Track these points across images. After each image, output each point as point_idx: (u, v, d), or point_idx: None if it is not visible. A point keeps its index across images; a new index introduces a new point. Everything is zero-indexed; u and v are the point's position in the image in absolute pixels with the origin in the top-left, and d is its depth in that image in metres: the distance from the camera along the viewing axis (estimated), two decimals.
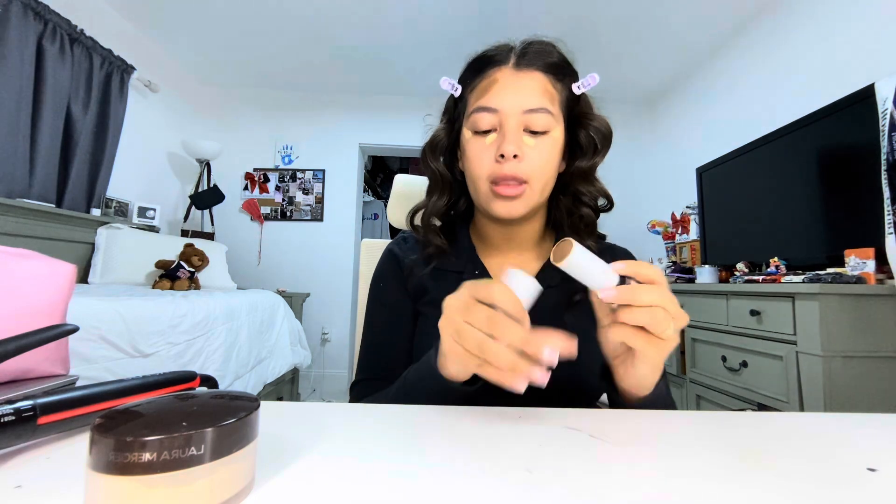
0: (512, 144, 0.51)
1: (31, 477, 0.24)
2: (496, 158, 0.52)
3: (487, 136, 0.54)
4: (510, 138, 0.52)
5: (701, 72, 2.88)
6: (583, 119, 0.58)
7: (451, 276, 0.60)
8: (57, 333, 0.45)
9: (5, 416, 0.25)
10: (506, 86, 0.53)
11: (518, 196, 0.53)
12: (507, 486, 0.25)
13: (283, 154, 3.68)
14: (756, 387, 1.55)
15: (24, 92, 2.06)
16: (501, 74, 0.54)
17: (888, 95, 1.39)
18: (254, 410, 0.23)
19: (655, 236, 2.89)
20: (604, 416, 0.38)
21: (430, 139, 0.62)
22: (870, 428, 0.38)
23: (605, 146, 0.58)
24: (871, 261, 1.40)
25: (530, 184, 0.53)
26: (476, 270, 0.60)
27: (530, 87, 0.53)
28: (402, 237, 0.68)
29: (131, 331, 1.52)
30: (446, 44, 2.91)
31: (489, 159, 0.53)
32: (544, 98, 0.53)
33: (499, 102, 0.53)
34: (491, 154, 0.53)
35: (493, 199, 0.54)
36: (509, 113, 0.52)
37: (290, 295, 3.05)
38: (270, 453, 0.28)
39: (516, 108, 0.52)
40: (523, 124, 0.53)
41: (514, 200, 0.53)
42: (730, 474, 0.27)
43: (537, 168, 0.53)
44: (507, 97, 0.53)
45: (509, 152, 0.51)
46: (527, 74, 0.54)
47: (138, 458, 0.19)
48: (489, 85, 0.54)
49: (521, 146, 0.52)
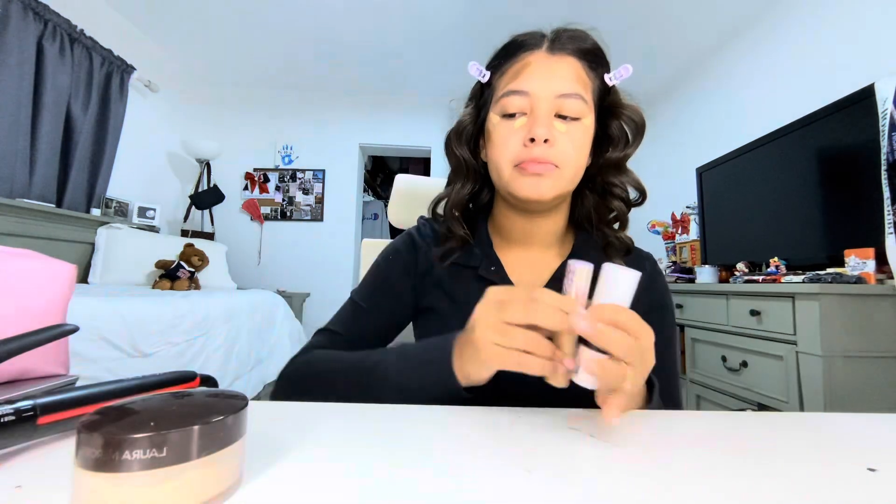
0: (543, 127, 0.49)
1: (31, 477, 0.24)
2: (524, 142, 0.50)
3: (516, 120, 0.52)
4: (541, 121, 0.50)
5: (701, 72, 2.88)
6: (615, 109, 0.56)
7: (465, 271, 0.58)
8: (57, 333, 0.45)
9: (5, 416, 0.25)
10: (538, 69, 0.52)
11: (546, 174, 0.50)
12: (507, 486, 0.25)
13: (283, 154, 3.69)
14: (756, 387, 1.55)
15: (24, 92, 2.06)
16: (534, 58, 0.52)
17: (888, 95, 1.39)
18: (241, 409, 0.23)
19: (655, 236, 2.89)
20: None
21: (455, 125, 0.59)
22: (870, 428, 0.38)
23: (638, 136, 0.56)
24: (871, 261, 1.40)
25: (561, 169, 0.51)
26: (492, 267, 0.57)
27: (564, 71, 0.52)
28: (422, 223, 0.65)
29: (131, 331, 1.52)
30: (447, 43, 2.91)
31: (516, 143, 0.51)
32: (577, 84, 0.52)
33: (531, 85, 0.51)
34: (519, 138, 0.51)
35: (517, 178, 0.51)
36: (541, 96, 0.50)
37: (290, 295, 3.05)
38: (262, 452, 0.28)
39: (549, 93, 0.50)
40: (555, 109, 0.51)
41: (542, 178, 0.50)
42: (730, 474, 0.27)
43: (569, 154, 0.51)
44: (539, 81, 0.51)
45: (540, 135, 0.49)
46: (560, 59, 0.52)
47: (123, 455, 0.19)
48: (521, 69, 0.52)
49: (552, 130, 0.50)
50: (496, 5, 2.48)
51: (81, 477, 0.20)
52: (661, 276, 0.62)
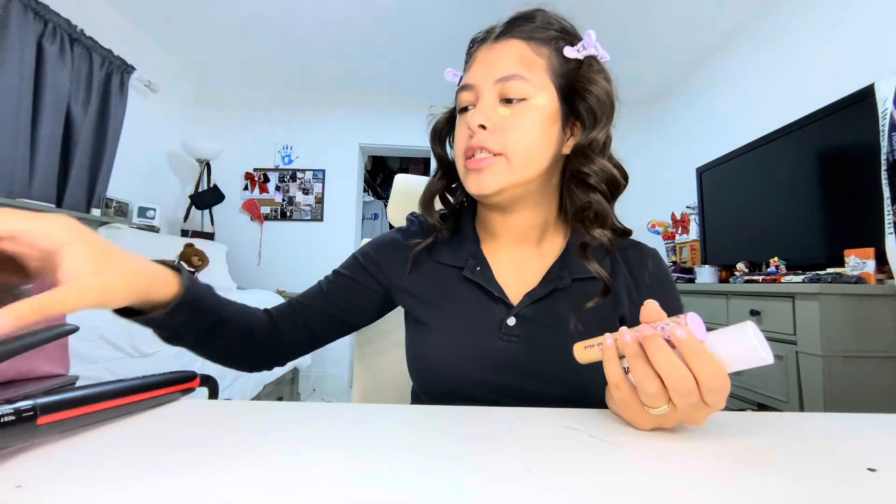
0: (477, 115, 0.49)
1: (31, 477, 0.24)
2: (469, 135, 0.51)
3: (466, 115, 0.52)
4: (478, 109, 0.50)
5: (701, 71, 2.88)
6: (579, 86, 0.51)
7: (451, 271, 0.57)
8: (57, 333, 0.45)
9: (5, 416, 0.25)
10: (480, 60, 0.53)
11: (486, 168, 0.49)
12: (507, 486, 0.25)
13: (283, 154, 3.69)
14: (756, 387, 1.55)
15: (24, 92, 2.06)
16: (480, 53, 0.54)
17: (888, 95, 1.39)
18: None
19: (655, 236, 2.89)
20: (604, 416, 0.38)
21: (431, 126, 0.62)
22: (870, 428, 0.38)
23: (605, 117, 0.50)
24: (871, 261, 1.40)
25: (507, 156, 0.49)
26: (478, 267, 0.55)
27: (503, 56, 0.51)
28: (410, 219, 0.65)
29: (131, 331, 1.52)
30: (447, 43, 2.91)
31: (464, 136, 0.52)
32: (519, 65, 0.50)
33: (474, 78, 0.52)
34: (467, 130, 0.51)
35: (466, 174, 0.52)
36: (481, 85, 0.51)
37: (290, 295, 3.05)
38: (270, 451, 0.28)
39: (488, 80, 0.50)
40: (498, 95, 0.50)
41: (483, 173, 0.49)
42: (730, 474, 0.27)
43: (514, 139, 0.48)
44: (479, 70, 0.52)
45: (474, 123, 0.49)
46: (502, 45, 0.52)
47: None
48: (470, 64, 0.55)
49: (490, 116, 0.49)
50: (496, 5, 2.47)
51: None
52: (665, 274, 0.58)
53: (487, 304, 0.54)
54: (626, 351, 0.33)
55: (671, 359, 0.31)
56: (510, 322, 0.52)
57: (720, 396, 0.31)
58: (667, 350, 0.31)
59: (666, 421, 0.34)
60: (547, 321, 0.52)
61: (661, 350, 0.31)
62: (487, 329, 0.52)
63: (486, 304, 0.54)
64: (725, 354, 0.31)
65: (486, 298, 0.54)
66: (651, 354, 0.32)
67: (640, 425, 0.35)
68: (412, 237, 0.61)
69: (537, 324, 0.52)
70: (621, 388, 0.34)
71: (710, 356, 0.31)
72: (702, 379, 0.30)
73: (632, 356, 0.33)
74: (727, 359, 0.31)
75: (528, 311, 0.52)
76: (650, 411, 0.33)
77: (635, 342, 0.33)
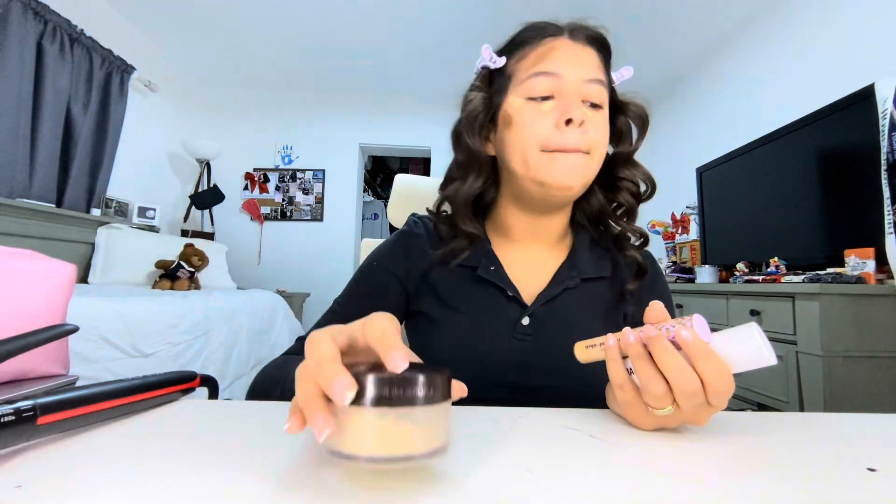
0: (578, 109, 0.48)
1: (31, 477, 0.24)
2: (557, 125, 0.48)
3: (544, 104, 0.50)
4: (574, 103, 0.48)
5: (701, 72, 2.88)
6: (621, 105, 0.56)
7: (463, 271, 0.56)
8: (57, 333, 0.45)
9: (5, 416, 0.25)
10: (565, 53, 0.51)
11: (580, 166, 0.49)
12: (508, 486, 0.25)
13: (283, 154, 3.69)
14: (756, 387, 1.55)
15: (24, 92, 2.06)
16: (559, 43, 0.51)
17: (888, 95, 1.39)
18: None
19: (655, 236, 2.89)
20: (604, 416, 0.38)
21: (467, 113, 0.55)
22: (870, 428, 0.38)
23: (643, 131, 0.56)
24: (871, 261, 1.40)
25: (591, 156, 0.49)
26: (492, 267, 0.55)
27: (588, 58, 0.51)
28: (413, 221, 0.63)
29: (131, 331, 1.52)
30: (447, 43, 2.91)
31: (546, 126, 0.49)
32: (600, 72, 0.52)
33: (559, 68, 0.49)
34: (549, 121, 0.49)
35: (547, 164, 0.49)
36: (571, 80, 0.49)
37: (290, 295, 3.05)
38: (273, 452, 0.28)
39: (577, 77, 0.49)
40: (582, 95, 0.50)
41: (575, 168, 0.49)
42: (730, 474, 0.27)
43: (597, 141, 0.50)
44: (567, 64, 0.50)
45: (577, 117, 0.47)
46: (584, 48, 0.52)
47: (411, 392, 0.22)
48: (546, 52, 0.51)
49: (585, 114, 0.48)
50: (496, 5, 2.48)
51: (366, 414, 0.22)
52: (661, 275, 0.62)
53: (501, 303, 0.54)
54: (629, 351, 0.33)
55: (677, 360, 0.31)
56: (524, 322, 0.53)
57: (724, 397, 0.31)
58: (672, 351, 0.31)
59: (669, 422, 0.34)
60: (558, 320, 0.53)
61: (666, 351, 0.31)
62: (502, 328, 0.53)
63: (501, 303, 0.54)
64: (730, 355, 0.31)
65: (501, 298, 0.54)
66: (656, 355, 0.32)
67: (642, 426, 0.35)
68: (417, 239, 0.59)
69: (549, 322, 0.53)
70: (625, 389, 0.34)
71: (715, 357, 0.31)
72: (707, 380, 0.31)
73: (636, 357, 0.33)
74: (731, 360, 0.31)
75: (540, 311, 0.53)
76: (654, 412, 0.33)
77: (639, 343, 0.33)
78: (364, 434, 0.22)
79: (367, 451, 0.22)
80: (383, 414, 0.22)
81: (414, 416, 0.22)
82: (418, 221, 0.62)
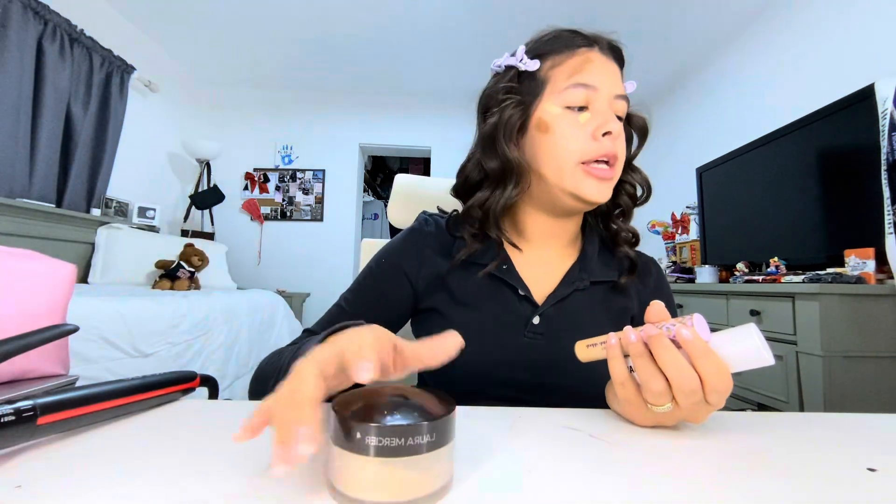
0: (615, 123, 0.51)
1: (31, 477, 0.24)
2: (594, 136, 0.50)
3: (581, 115, 0.51)
4: (611, 117, 0.51)
5: (701, 72, 2.88)
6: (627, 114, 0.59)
7: (473, 268, 0.56)
8: (57, 333, 0.45)
9: (5, 416, 0.25)
10: (600, 67, 0.53)
11: (609, 179, 0.52)
12: (510, 486, 0.25)
13: (283, 154, 3.69)
14: (756, 387, 1.55)
15: (24, 92, 2.06)
16: (594, 55, 0.53)
17: (888, 95, 1.39)
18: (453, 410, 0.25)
19: (655, 236, 2.89)
20: (604, 416, 0.38)
21: (502, 121, 0.53)
22: (870, 428, 0.38)
23: (643, 139, 0.60)
24: (871, 261, 1.40)
25: (615, 171, 0.53)
26: (504, 265, 0.56)
27: (616, 73, 0.54)
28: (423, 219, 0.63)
29: (131, 331, 1.52)
30: (447, 43, 2.91)
31: (584, 137, 0.51)
32: (623, 88, 0.55)
33: (597, 81, 0.51)
34: (586, 132, 0.51)
35: (584, 178, 0.51)
36: (605, 93, 0.52)
37: (290, 295, 3.05)
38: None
39: (610, 91, 0.52)
40: (614, 110, 0.53)
41: (606, 183, 0.52)
42: (730, 474, 0.27)
43: (621, 153, 0.53)
44: (603, 78, 0.52)
45: (616, 130, 0.50)
46: (611, 62, 0.54)
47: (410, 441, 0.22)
48: (584, 63, 0.52)
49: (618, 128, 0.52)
50: (496, 5, 2.48)
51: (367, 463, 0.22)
52: (666, 280, 0.64)
53: (513, 302, 0.55)
54: (630, 350, 0.34)
55: (677, 358, 0.32)
56: (535, 321, 0.54)
57: (723, 396, 0.32)
58: (672, 350, 0.32)
59: (668, 419, 0.34)
60: (568, 320, 0.54)
61: (666, 350, 0.32)
62: (513, 326, 0.54)
63: (512, 302, 0.55)
64: (728, 355, 0.31)
65: (512, 297, 0.55)
66: (657, 354, 0.32)
67: (641, 422, 0.35)
68: (428, 237, 0.60)
69: (559, 322, 0.54)
70: (626, 386, 0.35)
71: (714, 356, 0.31)
72: (706, 378, 0.31)
73: (637, 355, 0.33)
74: (730, 359, 0.32)
75: (550, 311, 0.54)
76: (654, 409, 0.33)
77: (640, 341, 0.33)
78: (366, 481, 0.22)
79: (369, 496, 0.22)
80: (385, 463, 0.22)
81: (417, 463, 0.22)
82: (429, 219, 0.63)
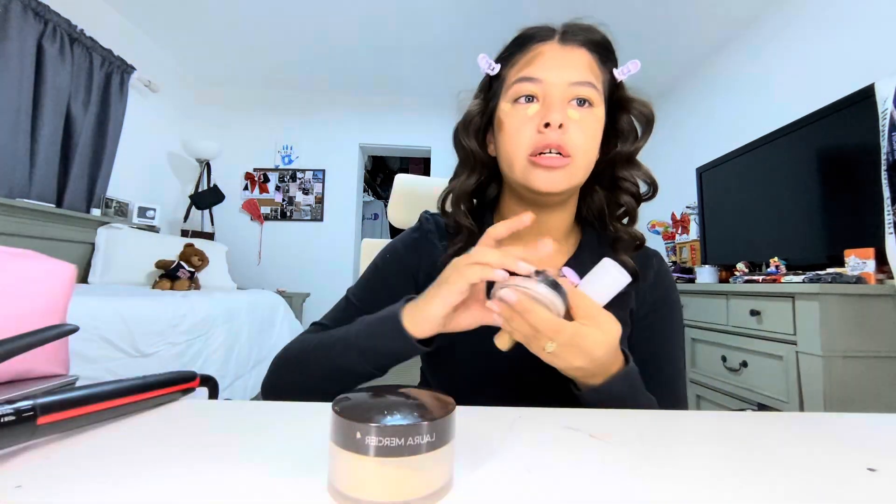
0: (557, 113, 0.49)
1: (31, 477, 0.24)
2: (539, 129, 0.50)
3: (529, 107, 0.52)
4: (556, 107, 0.50)
5: (701, 72, 2.88)
6: (624, 102, 0.56)
7: None
8: (57, 333, 0.45)
9: (5, 416, 0.25)
10: (551, 58, 0.52)
11: (559, 168, 0.50)
12: (507, 485, 0.25)
13: (283, 154, 3.69)
14: (756, 387, 1.55)
15: (24, 92, 2.06)
16: (547, 48, 0.53)
17: (888, 95, 1.39)
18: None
19: (655, 236, 2.89)
20: (604, 416, 0.38)
21: (463, 116, 0.58)
22: (870, 428, 0.38)
23: (647, 130, 0.57)
24: (871, 261, 1.40)
25: (574, 159, 0.51)
26: None
27: (576, 61, 0.52)
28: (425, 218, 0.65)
29: (131, 331, 1.52)
30: (447, 44, 2.91)
31: (530, 130, 0.51)
32: (589, 74, 0.52)
33: (543, 73, 0.51)
34: (532, 125, 0.51)
35: (532, 170, 0.51)
36: (554, 83, 0.51)
37: (290, 295, 3.05)
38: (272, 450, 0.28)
39: (562, 81, 0.51)
40: (568, 98, 0.51)
41: (556, 171, 0.50)
42: (730, 474, 0.27)
43: (581, 143, 0.51)
44: (552, 69, 0.51)
45: (555, 120, 0.49)
46: (572, 50, 0.53)
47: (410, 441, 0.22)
48: (533, 58, 0.53)
49: (566, 117, 0.50)
50: (497, 5, 2.48)
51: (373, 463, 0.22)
52: (668, 275, 0.62)
53: None
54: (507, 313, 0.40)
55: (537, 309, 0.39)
56: None
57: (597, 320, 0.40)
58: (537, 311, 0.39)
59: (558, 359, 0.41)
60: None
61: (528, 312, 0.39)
62: None
63: None
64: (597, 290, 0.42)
65: None
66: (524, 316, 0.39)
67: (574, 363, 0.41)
68: (428, 235, 0.61)
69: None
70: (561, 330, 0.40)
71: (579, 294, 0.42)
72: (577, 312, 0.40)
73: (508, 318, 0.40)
74: (600, 293, 0.41)
75: None
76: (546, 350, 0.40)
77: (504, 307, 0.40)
78: (366, 481, 0.22)
79: (369, 496, 0.22)
80: (385, 463, 0.22)
81: (416, 464, 0.22)
82: (430, 218, 0.64)
